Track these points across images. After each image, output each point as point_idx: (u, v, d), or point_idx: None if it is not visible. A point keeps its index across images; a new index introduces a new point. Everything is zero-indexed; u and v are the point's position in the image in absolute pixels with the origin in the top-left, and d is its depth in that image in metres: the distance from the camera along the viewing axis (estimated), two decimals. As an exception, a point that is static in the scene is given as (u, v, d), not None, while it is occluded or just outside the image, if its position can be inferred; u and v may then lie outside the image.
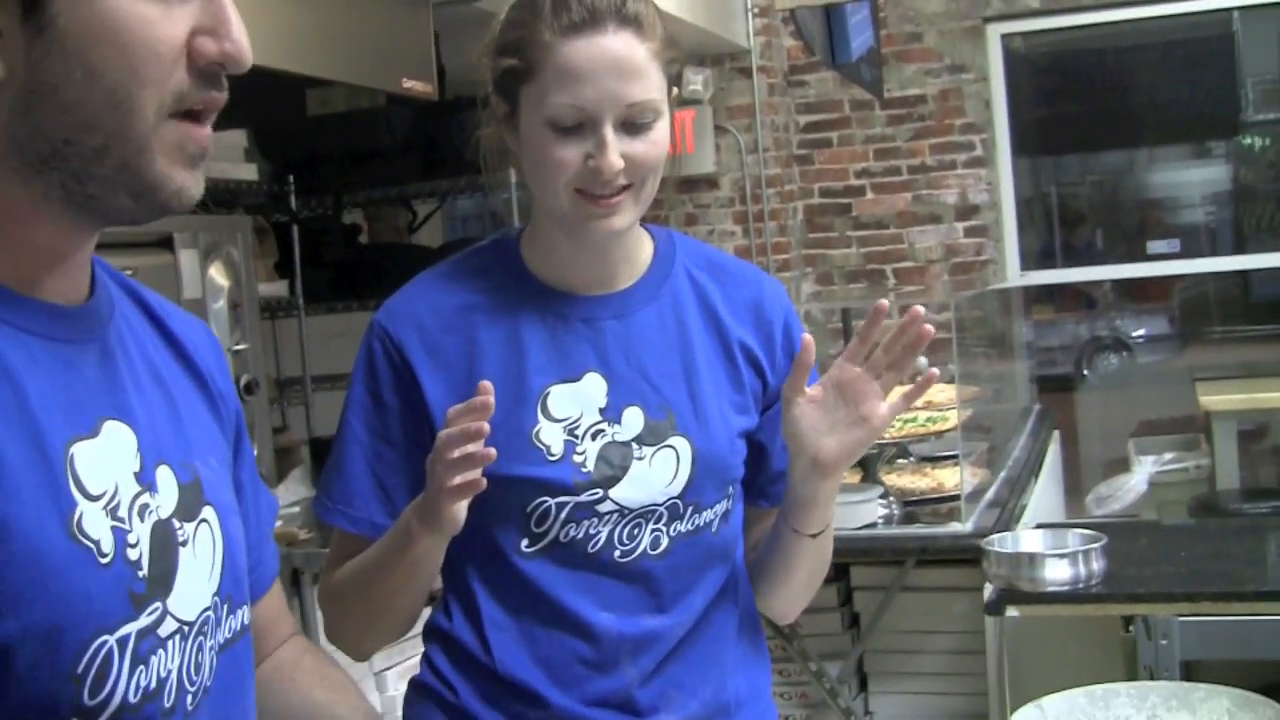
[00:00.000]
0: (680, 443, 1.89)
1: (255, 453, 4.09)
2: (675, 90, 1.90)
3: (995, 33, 6.94)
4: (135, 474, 1.18)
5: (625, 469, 1.86)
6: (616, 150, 1.77)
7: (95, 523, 1.11)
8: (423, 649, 1.98)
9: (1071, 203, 8.38)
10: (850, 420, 1.80)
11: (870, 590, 4.36)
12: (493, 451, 1.66)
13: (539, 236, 1.94)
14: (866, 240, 7.06)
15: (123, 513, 1.15)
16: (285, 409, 5.52)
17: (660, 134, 1.82)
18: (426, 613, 2.01)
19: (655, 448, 1.88)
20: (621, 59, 1.77)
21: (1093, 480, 7.12)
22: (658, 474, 1.87)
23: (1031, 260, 7.24)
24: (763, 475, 2.01)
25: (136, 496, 1.17)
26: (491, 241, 2.00)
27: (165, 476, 1.21)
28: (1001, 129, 6.97)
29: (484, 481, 1.68)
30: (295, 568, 4.11)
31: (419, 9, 4.37)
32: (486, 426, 1.65)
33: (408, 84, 4.27)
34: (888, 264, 7.05)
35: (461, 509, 1.71)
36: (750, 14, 6.57)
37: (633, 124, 1.79)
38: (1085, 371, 9.54)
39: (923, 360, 6.14)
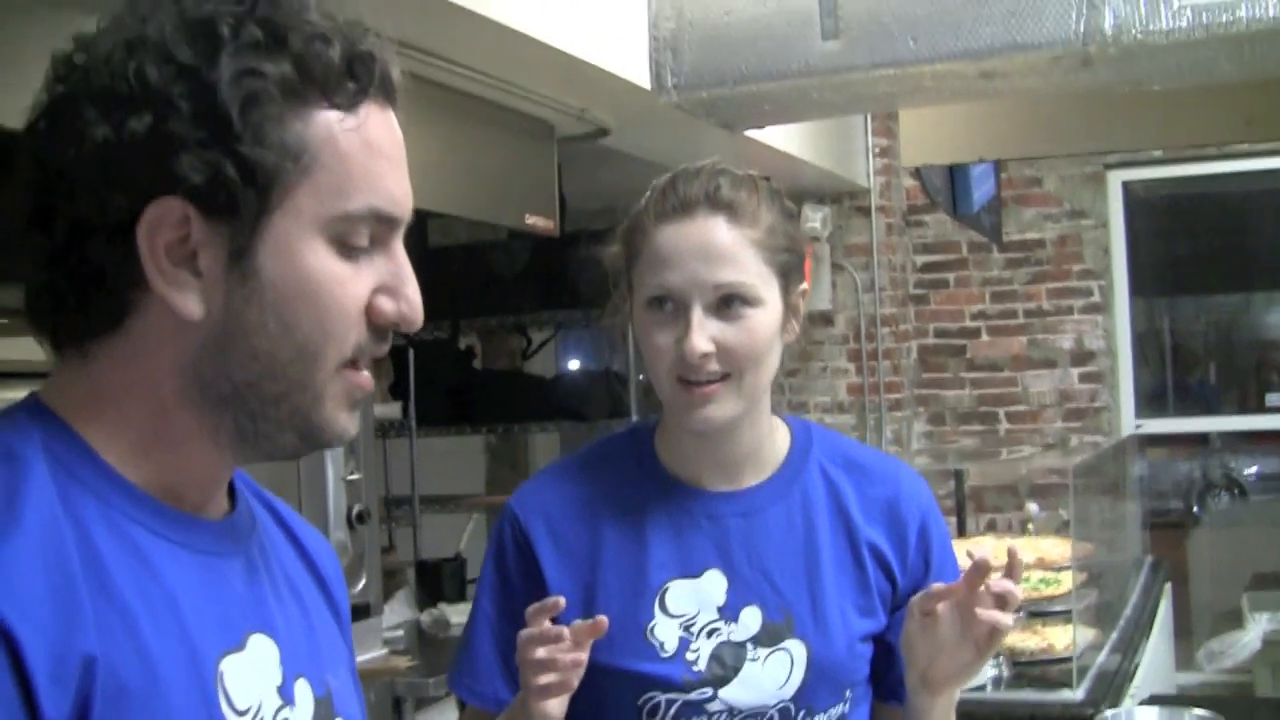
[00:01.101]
0: (796, 646, 1.87)
1: (364, 580, 4.12)
2: (804, 286, 1.90)
3: (1117, 179, 6.92)
4: (277, 688, 1.20)
5: (737, 669, 1.85)
6: (703, 334, 1.79)
7: None
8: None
9: (1186, 343, 8.28)
10: (963, 642, 1.77)
11: (976, 752, 4.27)
12: (582, 657, 1.69)
13: (668, 428, 1.95)
14: (980, 382, 7.03)
15: None
16: (393, 529, 5.54)
17: (758, 323, 1.82)
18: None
19: (770, 649, 1.86)
20: (708, 243, 1.81)
21: (1203, 625, 6.98)
22: (770, 676, 1.86)
23: (1145, 400, 7.16)
24: (892, 675, 1.96)
25: (278, 711, 1.19)
26: (628, 430, 2.03)
27: (303, 690, 1.24)
28: (1120, 276, 6.92)
29: (574, 683, 1.71)
30: (397, 695, 4.12)
31: (544, 146, 4.42)
32: (565, 630, 1.67)
33: (530, 220, 4.33)
34: (1000, 407, 7.01)
35: (554, 707, 1.72)
36: (871, 154, 6.60)
37: (725, 309, 1.80)
38: (1196, 509, 9.36)
39: (1033, 506, 6.03)
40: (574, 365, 7.33)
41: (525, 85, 4.05)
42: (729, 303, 1.80)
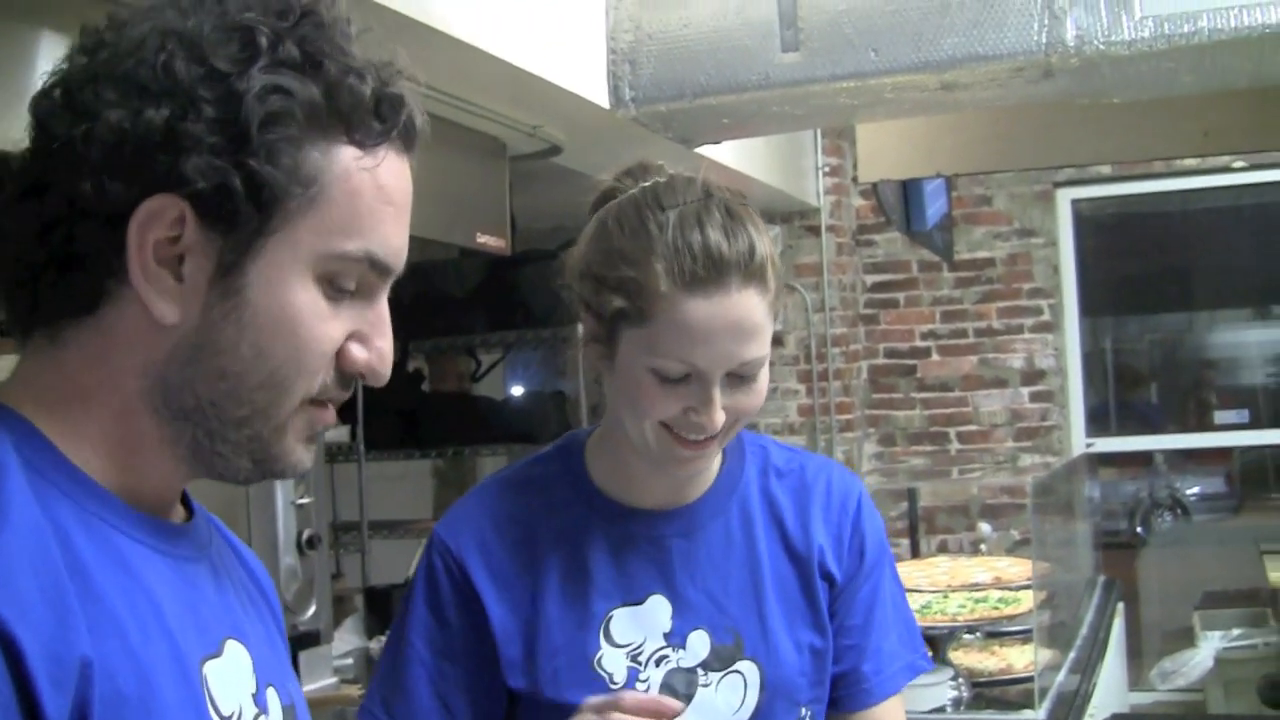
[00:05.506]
0: (748, 667, 1.82)
1: (314, 607, 4.07)
2: (779, 316, 1.83)
3: (1065, 197, 6.94)
4: (252, 695, 1.20)
5: (690, 697, 1.79)
6: (720, 407, 1.70)
7: None
8: None
9: (1130, 362, 8.34)
10: None
11: (937, 774, 4.23)
12: None
13: (608, 449, 1.87)
14: (931, 403, 7.02)
15: None
16: (340, 556, 5.46)
17: (764, 380, 1.74)
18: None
19: (722, 673, 1.81)
20: (743, 321, 1.68)
21: (1154, 644, 7.01)
22: (724, 700, 1.81)
23: (1091, 419, 7.17)
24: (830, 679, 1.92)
25: (256, 718, 1.20)
26: (556, 449, 1.93)
27: (273, 698, 1.24)
28: (1069, 294, 6.94)
29: None
30: (348, 725, 4.05)
31: (496, 164, 4.37)
32: None
33: (481, 238, 4.27)
34: (951, 427, 7.00)
35: None
36: (820, 173, 6.57)
37: (740, 377, 1.71)
38: (1140, 529, 9.43)
39: (985, 527, 6.01)
40: (523, 387, 7.28)
41: (477, 101, 3.99)
42: (746, 370, 1.71)
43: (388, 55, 1.17)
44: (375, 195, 1.14)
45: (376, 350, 1.17)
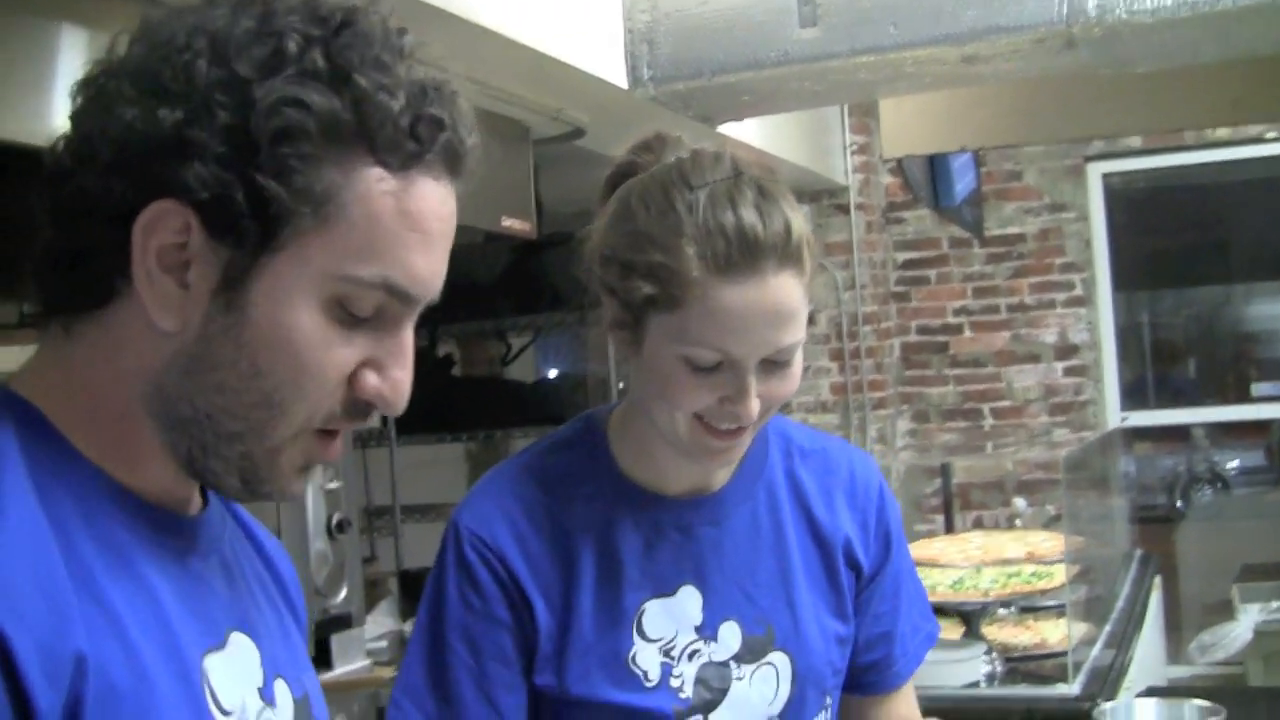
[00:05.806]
0: (780, 659, 1.78)
1: (345, 591, 4.10)
2: (812, 308, 1.74)
3: (1096, 171, 6.90)
4: (259, 688, 1.18)
5: (724, 691, 1.75)
6: (755, 395, 1.61)
7: None
8: None
9: (1167, 336, 8.30)
10: None
11: (972, 749, 4.22)
12: None
13: (633, 433, 1.79)
14: (964, 379, 7.00)
15: None
16: (374, 540, 5.48)
17: (799, 363, 1.65)
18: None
19: (755, 665, 1.77)
20: (780, 306, 1.58)
21: (1192, 618, 6.96)
22: (758, 693, 1.77)
23: (1126, 394, 7.13)
24: (852, 665, 1.90)
25: (260, 712, 1.18)
26: (575, 433, 1.85)
27: (282, 691, 1.22)
28: (1102, 268, 6.91)
29: None
30: (380, 707, 4.06)
31: (520, 147, 4.37)
32: None
33: (507, 222, 4.27)
34: (985, 403, 6.98)
35: None
36: (848, 151, 6.55)
37: (775, 363, 1.62)
38: (1180, 503, 9.38)
39: (1020, 502, 5.95)
40: (554, 369, 7.29)
41: (499, 86, 3.99)
42: (782, 356, 1.62)
43: (439, 70, 1.12)
44: (398, 220, 1.08)
45: (391, 380, 1.11)
